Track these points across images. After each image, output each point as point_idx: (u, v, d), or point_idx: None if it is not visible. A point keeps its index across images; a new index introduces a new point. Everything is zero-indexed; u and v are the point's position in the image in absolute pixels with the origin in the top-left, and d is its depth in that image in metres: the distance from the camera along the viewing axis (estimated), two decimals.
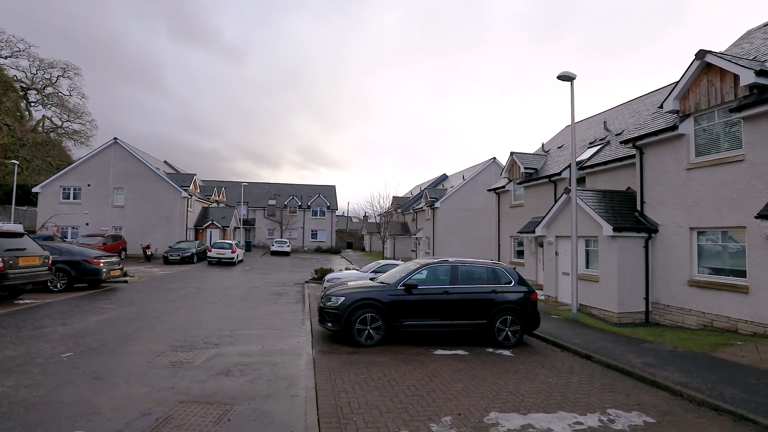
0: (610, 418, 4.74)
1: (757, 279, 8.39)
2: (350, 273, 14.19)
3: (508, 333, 8.02)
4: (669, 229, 10.38)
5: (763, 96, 8.34)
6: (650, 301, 10.75)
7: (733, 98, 8.93)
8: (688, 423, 4.72)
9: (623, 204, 11.80)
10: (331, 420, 4.35)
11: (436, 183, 42.43)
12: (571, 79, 10.62)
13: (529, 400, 5.21)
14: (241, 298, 13.08)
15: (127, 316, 9.42)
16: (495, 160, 33.17)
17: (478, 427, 4.37)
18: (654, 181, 10.90)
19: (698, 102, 9.71)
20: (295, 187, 54.14)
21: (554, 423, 4.55)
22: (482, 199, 32.63)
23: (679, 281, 10.06)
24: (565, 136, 21.57)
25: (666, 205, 10.50)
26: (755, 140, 8.55)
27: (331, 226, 50.06)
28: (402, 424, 4.33)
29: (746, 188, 8.66)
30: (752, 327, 8.41)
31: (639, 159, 11.36)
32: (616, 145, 14.65)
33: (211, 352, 6.70)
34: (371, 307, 7.60)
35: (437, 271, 8.25)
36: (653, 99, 16.44)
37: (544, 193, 17.54)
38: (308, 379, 5.59)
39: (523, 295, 8.28)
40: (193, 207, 33.29)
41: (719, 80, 9.23)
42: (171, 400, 4.65)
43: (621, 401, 5.31)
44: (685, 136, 10.05)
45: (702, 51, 9.55)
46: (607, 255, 10.95)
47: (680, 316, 9.97)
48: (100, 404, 4.44)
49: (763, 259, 8.30)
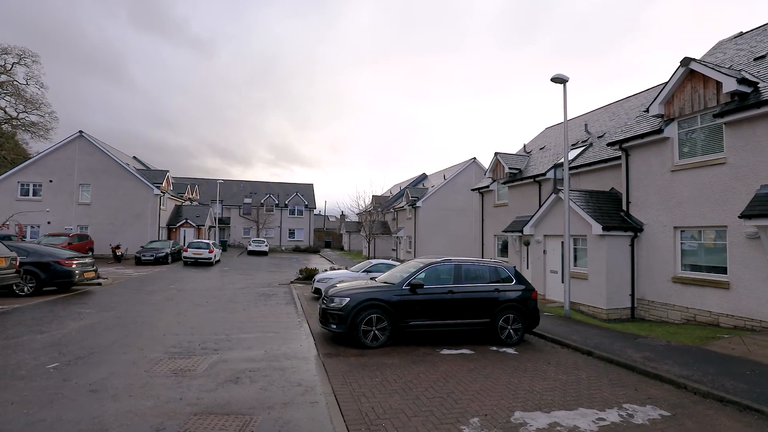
0: (628, 413, 4.84)
1: (738, 275, 8.89)
2: (341, 273, 13.97)
3: (511, 331, 8.11)
4: (654, 228, 10.84)
5: (743, 103, 8.83)
6: (636, 297, 11.19)
7: (715, 104, 9.41)
8: (700, 414, 4.89)
9: (609, 204, 12.22)
10: (360, 427, 4.20)
11: (416, 182, 42.63)
12: (563, 82, 10.88)
13: (548, 398, 5.25)
14: (228, 300, 12.59)
15: (110, 321, 8.84)
16: (475, 160, 33.68)
17: (507, 427, 4.35)
18: (639, 182, 11.35)
19: (682, 107, 10.17)
20: (271, 185, 52.95)
21: (578, 420, 4.60)
22: (462, 198, 33.11)
23: (663, 278, 10.52)
24: (545, 138, 22.18)
25: (651, 205, 10.96)
26: (736, 144, 9.05)
27: (309, 226, 49.32)
28: (432, 428, 4.24)
29: (727, 190, 9.15)
30: (733, 321, 8.90)
31: (625, 160, 11.79)
32: (599, 146, 15.17)
33: (213, 358, 6.37)
34: (377, 308, 7.47)
35: (440, 270, 8.21)
36: (631, 103, 17.17)
37: (529, 193, 17.94)
38: (323, 384, 5.40)
39: (523, 293, 8.39)
40: (165, 205, 31.87)
41: (702, 87, 9.70)
42: (183, 412, 4.35)
43: (633, 396, 5.45)
44: (669, 140, 10.52)
45: (687, 59, 10.01)
46: (596, 253, 11.31)
47: (664, 312, 10.43)
48: (105, 420, 4.09)
49: (744, 256, 8.80)
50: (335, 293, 7.80)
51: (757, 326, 8.44)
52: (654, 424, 4.56)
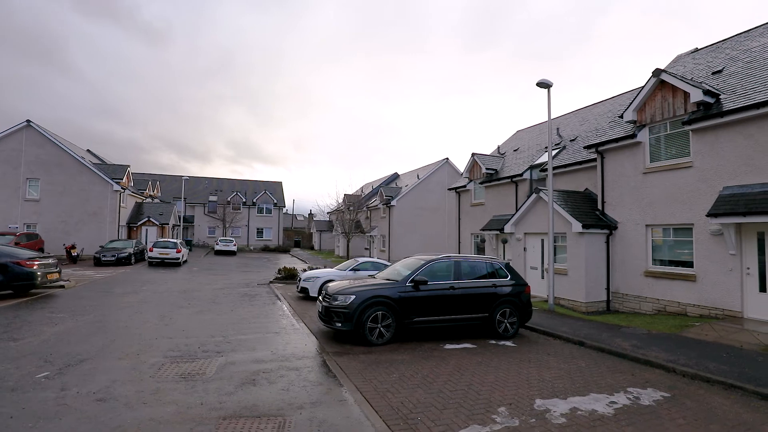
0: (634, 396, 5.23)
1: (703, 269, 9.77)
2: (328, 272, 13.82)
3: (507, 325, 8.44)
4: (627, 226, 11.65)
5: (708, 112, 9.71)
6: (611, 291, 11.98)
7: (683, 112, 10.27)
8: (694, 394, 5.37)
9: (586, 203, 12.98)
10: (398, 422, 4.24)
11: (389, 181, 42.87)
12: (548, 86, 11.41)
13: (559, 386, 5.55)
14: (210, 300, 12.09)
15: (90, 325, 8.25)
16: (448, 160, 34.42)
17: (534, 414, 4.56)
18: (614, 183, 12.14)
19: (653, 114, 11.01)
20: (238, 182, 51.20)
21: (594, 404, 4.90)
22: (436, 197, 33.74)
23: (636, 272, 11.34)
24: (518, 140, 23.09)
25: (624, 205, 11.77)
26: (702, 149, 9.94)
27: (278, 224, 48.18)
28: (467, 419, 4.37)
29: (694, 191, 10.03)
30: (699, 310, 9.78)
31: (600, 163, 12.57)
32: (572, 149, 16.03)
33: (219, 361, 6.15)
34: (382, 305, 7.51)
35: (441, 267, 8.38)
36: (599, 109, 18.27)
37: (506, 193, 18.63)
38: (344, 382, 5.38)
39: (518, 288, 8.75)
40: (125, 202, 29.96)
41: (672, 96, 10.55)
42: (210, 417, 4.19)
43: (632, 380, 5.88)
44: (641, 144, 11.34)
45: (658, 70, 10.84)
46: (576, 250, 11.98)
47: (637, 304, 11.25)
48: (128, 429, 3.86)
49: (708, 251, 9.69)
50: (339, 291, 7.74)
51: (720, 314, 9.33)
52: (660, 405, 4.95)
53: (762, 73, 9.87)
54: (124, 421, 4.00)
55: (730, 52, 12.16)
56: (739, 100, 9.30)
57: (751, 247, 9.01)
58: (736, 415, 4.72)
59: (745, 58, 11.16)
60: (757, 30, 12.37)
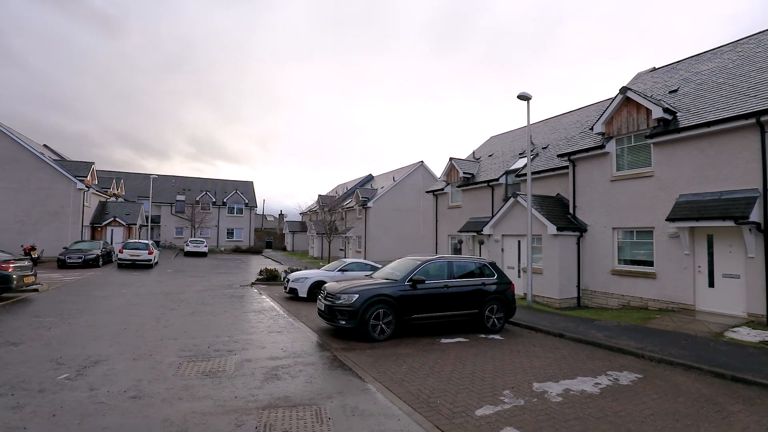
0: (614, 378, 6.01)
1: (662, 267, 10.97)
2: (316, 272, 14.07)
3: (495, 320, 9.14)
4: (596, 228, 12.78)
5: (667, 128, 10.92)
6: (581, 288, 13.07)
7: (646, 127, 11.46)
8: (661, 375, 6.23)
9: (558, 208, 14.04)
10: (422, 405, 4.73)
11: (363, 183, 43.26)
12: (527, 99, 12.31)
13: (550, 371, 6.25)
14: (199, 302, 12.04)
15: (86, 328, 8.15)
16: (423, 163, 35.32)
17: (534, 394, 5.20)
18: (584, 189, 13.26)
19: (620, 128, 12.17)
20: (207, 181, 49.74)
21: (582, 385, 5.61)
22: (411, 199, 34.54)
23: (604, 271, 12.47)
24: (492, 146, 24.23)
25: (594, 209, 12.89)
26: (661, 161, 11.15)
27: (249, 225, 47.27)
28: (479, 400, 4.92)
29: (654, 197, 11.22)
30: (659, 304, 10.96)
31: (572, 170, 13.66)
32: (544, 156, 17.18)
33: (234, 359, 6.38)
34: (383, 303, 7.97)
35: (435, 266, 8.95)
36: (567, 119, 19.64)
37: (482, 196, 19.59)
38: (361, 373, 5.80)
39: (504, 286, 9.48)
40: (89, 201, 28.51)
41: (636, 112, 11.74)
42: (248, 408, 4.49)
43: (610, 365, 6.68)
44: (609, 154, 12.49)
45: (624, 88, 12.01)
46: (550, 251, 12.98)
47: (605, 299, 12.37)
48: (175, 421, 4.10)
49: (666, 252, 10.89)
50: (342, 290, 8.11)
51: (676, 307, 10.53)
52: (636, 384, 5.74)
53: (711, 94, 11.22)
54: (169, 415, 4.23)
55: (683, 73, 13.62)
56: (693, 119, 10.55)
57: (702, 248, 10.25)
58: (696, 390, 5.58)
59: (696, 80, 12.57)
60: (705, 55, 13.93)
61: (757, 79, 10.50)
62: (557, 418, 4.47)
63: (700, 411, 4.81)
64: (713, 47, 13.91)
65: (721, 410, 4.85)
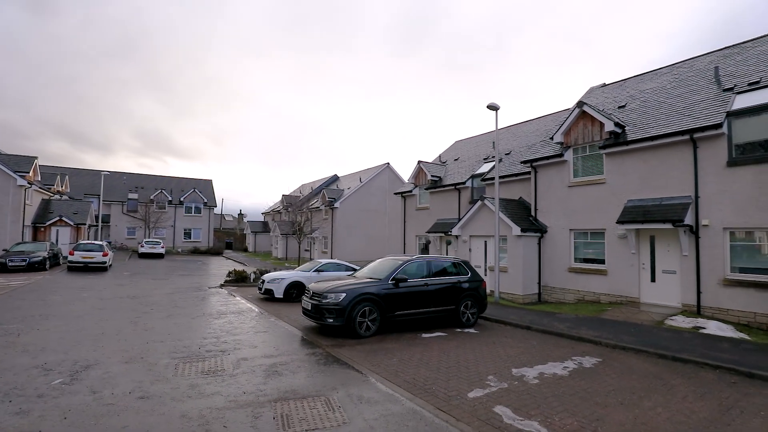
0: (579, 362, 6.82)
1: (612, 265, 12.25)
2: (291, 273, 14.13)
3: (469, 315, 9.83)
4: (555, 230, 13.95)
5: (617, 140, 12.22)
6: (541, 284, 14.20)
7: (599, 139, 12.73)
8: (617, 359, 7.14)
9: (521, 210, 15.13)
10: (420, 391, 5.20)
11: (328, 183, 43.18)
12: (496, 109, 13.22)
13: (524, 359, 6.96)
14: (172, 305, 11.76)
15: (62, 334, 7.85)
16: (389, 165, 35.96)
17: (514, 377, 5.85)
18: (545, 194, 14.41)
19: (577, 138, 13.40)
20: (163, 179, 47.29)
21: (553, 369, 6.36)
22: (377, 201, 35.05)
23: (561, 269, 13.65)
24: (457, 150, 25.29)
25: (553, 212, 14.06)
26: (612, 169, 12.44)
27: (208, 225, 45.55)
28: (469, 385, 5.48)
29: (606, 202, 12.50)
30: (609, 298, 12.23)
31: (534, 176, 14.79)
32: (507, 162, 18.33)
33: (230, 358, 6.51)
34: (369, 301, 8.38)
35: (415, 266, 9.48)
36: (527, 127, 21.03)
37: (449, 199, 20.49)
38: (357, 366, 6.17)
39: (476, 283, 10.20)
40: (31, 199, 26.31)
41: (591, 125, 12.99)
42: (261, 401, 4.72)
43: (574, 352, 7.53)
44: (567, 162, 13.70)
45: (580, 102, 13.24)
46: (515, 250, 13.98)
47: (562, 295, 13.55)
48: (192, 416, 4.28)
49: (616, 251, 12.18)
50: (328, 290, 8.41)
51: (624, 300, 11.82)
52: (597, 367, 6.59)
53: (653, 111, 12.69)
54: (186, 411, 4.38)
55: (630, 90, 15.19)
56: (639, 133, 11.90)
57: (645, 248, 11.60)
58: (645, 369, 6.50)
59: (641, 97, 14.11)
60: (647, 75, 15.62)
61: (690, 100, 12.04)
62: (537, 397, 5.12)
63: (650, 385, 5.68)
64: (654, 68, 15.65)
65: (665, 384, 5.75)
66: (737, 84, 11.27)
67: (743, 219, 9.76)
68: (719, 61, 13.31)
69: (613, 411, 4.72)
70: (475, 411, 4.61)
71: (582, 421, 4.41)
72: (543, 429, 4.20)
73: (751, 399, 5.20)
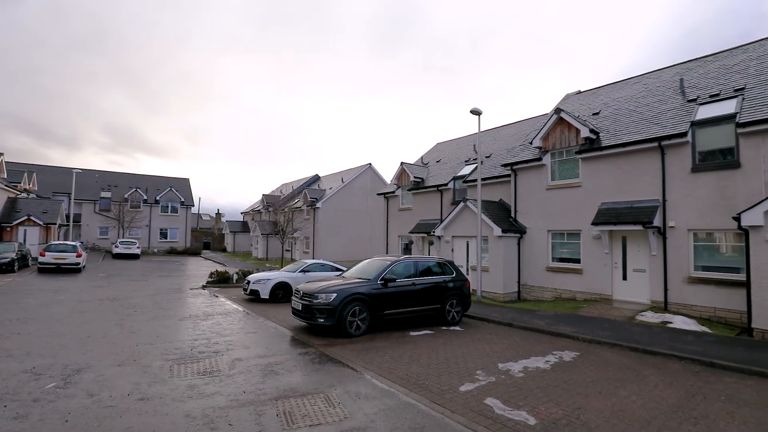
0: (559, 356, 7.26)
1: (587, 264, 12.90)
2: (277, 274, 14.11)
3: (454, 313, 10.17)
4: (534, 231, 14.53)
5: (592, 146, 12.88)
6: (521, 283, 14.76)
7: (575, 144, 13.37)
8: (593, 352, 7.63)
9: (502, 212, 15.67)
10: (414, 386, 5.46)
11: (310, 183, 42.97)
12: (479, 114, 13.66)
13: (509, 354, 7.34)
14: (156, 307, 11.58)
15: (45, 338, 7.67)
16: (371, 165, 36.15)
17: (501, 372, 6.19)
18: (524, 196, 14.99)
19: (554, 143, 14.01)
20: (137, 177, 45.82)
21: (536, 363, 6.75)
22: (359, 201, 35.19)
23: (540, 268, 14.24)
24: (439, 152, 25.77)
25: (532, 214, 14.64)
26: (587, 173, 13.10)
27: (185, 225, 44.49)
28: (460, 379, 5.78)
29: (582, 205, 13.15)
30: (584, 295, 12.88)
31: (514, 179, 15.35)
32: (488, 164, 18.88)
33: (224, 359, 6.58)
34: (359, 301, 8.58)
35: (403, 266, 9.73)
36: (507, 131, 21.70)
37: (432, 200, 20.90)
38: (351, 364, 6.36)
39: (461, 282, 10.56)
40: None
41: (568, 131, 13.62)
42: (262, 400, 4.85)
43: (554, 347, 7.98)
44: (545, 166, 14.30)
45: (558, 109, 13.85)
46: (496, 251, 14.48)
47: (541, 293, 14.15)
48: (196, 416, 4.38)
49: (590, 251, 12.84)
50: (319, 290, 8.55)
51: (598, 298, 12.49)
52: (576, 360, 7.03)
53: (625, 119, 13.43)
54: (189, 411, 4.47)
55: (603, 98, 15.98)
56: (611, 139, 12.59)
57: (618, 248, 12.29)
58: (620, 361, 6.99)
59: (614, 105, 14.88)
60: (619, 84, 16.47)
61: (658, 109, 12.84)
62: (524, 389, 5.47)
63: (625, 376, 6.14)
64: (625, 78, 16.52)
65: (638, 374, 6.23)
66: (700, 95, 12.11)
67: (705, 221, 10.53)
68: (684, 73, 14.22)
69: (592, 400, 5.11)
70: (467, 403, 4.91)
71: (566, 410, 4.77)
72: (531, 418, 4.54)
73: (713, 386, 5.73)
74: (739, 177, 10.05)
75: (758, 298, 8.54)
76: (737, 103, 10.73)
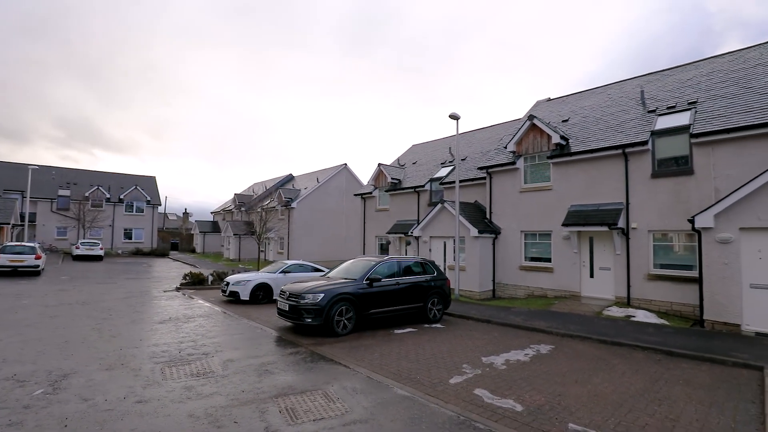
0: (537, 349, 7.75)
1: (558, 263, 13.67)
2: (256, 275, 14.00)
3: (435, 311, 10.54)
4: (508, 231, 15.20)
5: (562, 151, 13.66)
6: (495, 281, 15.39)
7: (547, 149, 14.12)
8: (567, 345, 8.19)
9: (477, 213, 16.26)
10: (406, 380, 5.73)
11: (283, 183, 42.41)
12: (457, 119, 14.14)
13: (490, 348, 7.76)
14: (131, 310, 11.25)
15: (20, 344, 7.36)
16: (346, 166, 36.19)
17: (485, 365, 6.58)
18: (499, 198, 15.64)
19: (528, 148, 14.73)
20: (99, 174, 43.56)
21: (517, 356, 7.20)
22: (334, 201, 35.16)
23: (513, 267, 14.92)
24: (415, 154, 26.24)
25: (506, 215, 15.31)
26: (558, 177, 13.88)
27: (152, 225, 42.74)
28: (448, 373, 6.11)
29: (553, 207, 13.90)
30: (555, 292, 13.64)
31: (489, 181, 15.98)
32: (464, 167, 19.49)
33: (215, 360, 6.60)
34: (345, 301, 8.76)
35: (387, 266, 10.00)
36: (481, 135, 22.44)
37: (409, 201, 21.30)
38: (344, 362, 6.55)
39: (442, 281, 10.95)
40: None
41: (540, 136, 14.36)
42: (262, 398, 4.96)
43: (531, 341, 8.49)
44: (519, 169, 15.00)
45: (531, 116, 14.57)
46: (472, 250, 15.03)
47: (514, 291, 14.83)
48: (200, 416, 4.45)
49: (560, 251, 13.61)
50: (306, 290, 8.66)
51: (568, 294, 13.27)
52: (552, 352, 7.55)
53: (592, 126, 14.32)
54: (191, 411, 4.52)
55: (572, 106, 16.92)
56: (580, 146, 13.40)
57: (585, 248, 13.11)
58: (591, 352, 7.57)
59: (582, 113, 15.80)
60: (585, 93, 17.49)
61: (622, 118, 13.79)
62: (508, 380, 5.87)
63: (596, 365, 6.69)
64: (591, 87, 17.56)
65: (608, 364, 6.80)
66: (658, 107, 13.13)
67: (664, 223, 11.46)
68: (644, 84, 15.32)
69: (570, 387, 5.57)
70: (458, 394, 5.23)
71: (548, 397, 5.19)
72: (518, 405, 4.92)
73: (673, 372, 6.36)
74: (693, 183, 11.03)
75: (709, 293, 9.44)
76: (691, 115, 11.75)
